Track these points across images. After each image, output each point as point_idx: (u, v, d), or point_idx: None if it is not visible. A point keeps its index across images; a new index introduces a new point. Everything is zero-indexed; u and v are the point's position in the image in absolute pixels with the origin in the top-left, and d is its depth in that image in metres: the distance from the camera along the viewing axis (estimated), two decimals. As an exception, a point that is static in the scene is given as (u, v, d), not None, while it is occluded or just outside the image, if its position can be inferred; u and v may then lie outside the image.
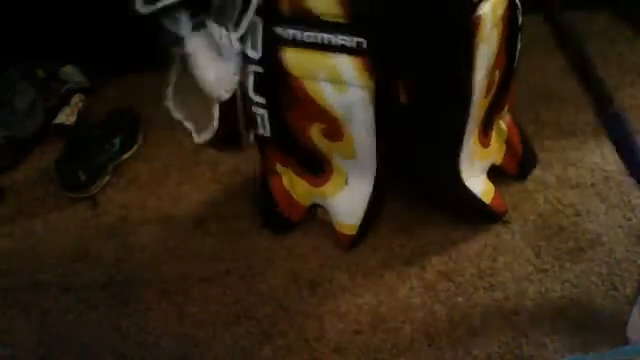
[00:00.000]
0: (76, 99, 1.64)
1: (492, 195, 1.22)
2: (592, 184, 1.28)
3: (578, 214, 1.23)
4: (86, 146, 1.43)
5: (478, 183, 1.20)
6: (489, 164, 1.24)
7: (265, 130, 1.13)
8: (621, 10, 1.71)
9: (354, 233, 1.21)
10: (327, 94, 1.03)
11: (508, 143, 1.26)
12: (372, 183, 1.16)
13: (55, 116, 1.60)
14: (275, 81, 1.06)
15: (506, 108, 1.22)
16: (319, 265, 1.21)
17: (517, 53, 1.13)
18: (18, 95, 1.57)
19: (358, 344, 1.08)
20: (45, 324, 1.18)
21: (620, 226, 1.20)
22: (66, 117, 1.60)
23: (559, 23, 1.22)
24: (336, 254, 1.22)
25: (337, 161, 1.16)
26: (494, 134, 1.22)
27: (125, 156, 1.50)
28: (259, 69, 1.07)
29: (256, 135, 1.18)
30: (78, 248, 1.31)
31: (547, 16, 1.20)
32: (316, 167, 1.19)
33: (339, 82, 1.02)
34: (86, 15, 1.59)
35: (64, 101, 1.63)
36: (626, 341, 1.02)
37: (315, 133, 1.10)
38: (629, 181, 1.28)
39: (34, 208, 1.42)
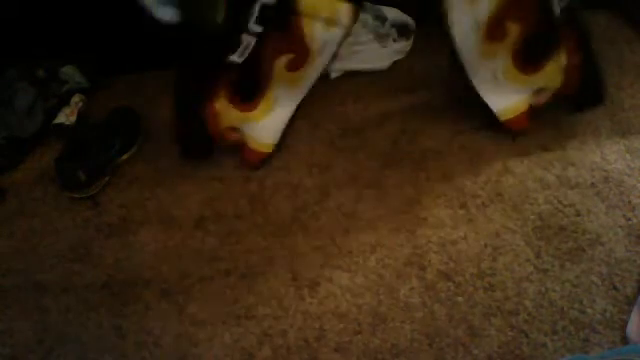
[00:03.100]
0: (76, 99, 1.64)
1: (512, 116, 1.36)
2: (592, 184, 1.28)
3: (578, 214, 1.23)
4: (86, 146, 1.43)
5: (500, 99, 1.35)
6: (531, 88, 1.35)
7: (241, 57, 1.29)
8: (621, 10, 1.71)
9: (270, 151, 1.42)
10: (316, 31, 1.27)
11: (566, 76, 1.32)
12: (295, 107, 1.39)
13: (55, 116, 1.60)
14: (280, 14, 1.25)
15: (565, 49, 1.29)
16: (319, 265, 1.21)
17: (554, 6, 1.23)
18: (18, 95, 1.57)
19: (358, 344, 1.08)
20: (45, 324, 1.18)
21: (620, 226, 1.20)
22: (66, 117, 1.60)
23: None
24: (336, 254, 1.22)
25: (276, 90, 1.36)
26: (551, 64, 1.31)
27: (125, 156, 1.50)
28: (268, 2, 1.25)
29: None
30: (78, 248, 1.31)
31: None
32: (251, 95, 1.37)
33: (332, 23, 1.27)
34: (86, 15, 1.59)
35: (64, 101, 1.63)
36: (626, 341, 1.02)
37: (280, 63, 1.32)
38: (629, 181, 1.28)
39: (34, 208, 1.42)
